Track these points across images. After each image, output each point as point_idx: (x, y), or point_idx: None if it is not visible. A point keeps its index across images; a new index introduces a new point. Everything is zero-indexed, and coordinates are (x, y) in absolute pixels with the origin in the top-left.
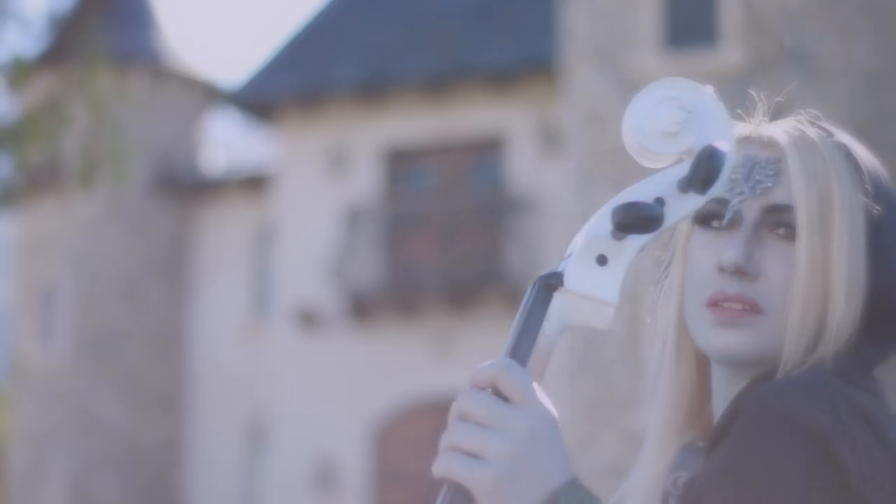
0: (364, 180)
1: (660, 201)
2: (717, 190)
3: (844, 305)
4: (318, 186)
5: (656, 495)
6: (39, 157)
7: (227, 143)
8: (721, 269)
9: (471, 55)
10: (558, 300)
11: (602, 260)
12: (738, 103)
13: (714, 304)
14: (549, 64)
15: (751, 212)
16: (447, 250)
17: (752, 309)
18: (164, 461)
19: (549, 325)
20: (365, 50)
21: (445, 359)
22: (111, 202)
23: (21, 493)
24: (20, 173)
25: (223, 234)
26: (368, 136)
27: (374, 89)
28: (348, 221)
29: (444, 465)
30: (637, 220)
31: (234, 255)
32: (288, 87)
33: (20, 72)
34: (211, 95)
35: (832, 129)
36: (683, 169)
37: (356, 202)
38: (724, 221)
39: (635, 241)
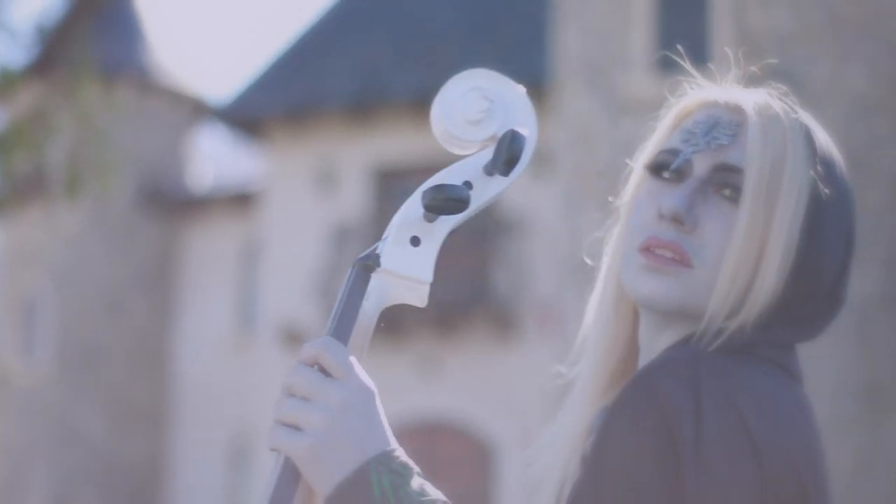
0: (352, 198)
1: (468, 184)
2: (520, 172)
3: (775, 275)
4: (305, 203)
5: (572, 457)
6: (25, 166)
7: (214, 158)
8: (660, 216)
9: (460, 72)
10: (376, 280)
11: (415, 241)
12: None
13: (647, 248)
14: (541, 83)
15: (701, 167)
16: (435, 271)
17: (682, 260)
18: (147, 477)
19: (369, 303)
20: (354, 67)
21: (432, 380)
22: (96, 215)
23: None
24: (5, 182)
25: (209, 249)
26: (357, 154)
27: (363, 106)
28: (335, 239)
29: (271, 437)
30: (444, 201)
31: (219, 271)
32: (276, 104)
33: (7, 82)
34: (199, 110)
35: (798, 108)
36: (489, 154)
37: (344, 220)
38: (673, 166)
39: (445, 223)
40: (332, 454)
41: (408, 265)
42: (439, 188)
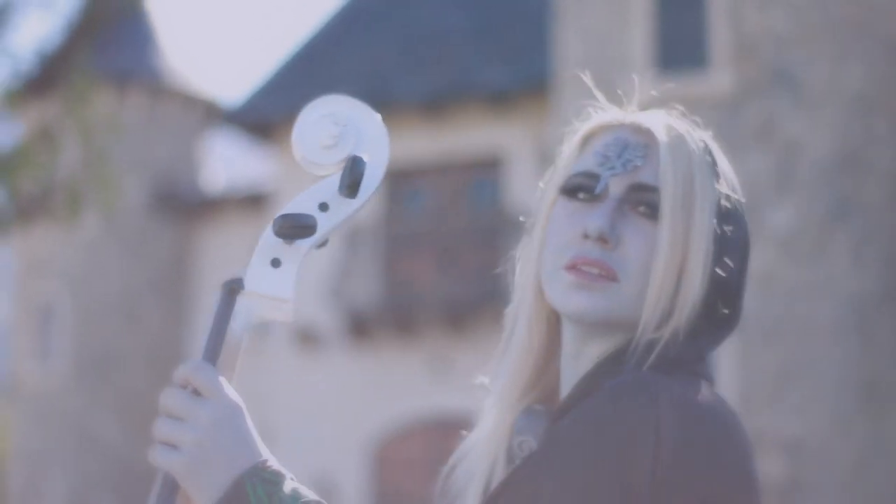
0: None
1: (324, 205)
2: (371, 193)
3: (698, 283)
4: None
5: (499, 455)
6: (32, 186)
7: (226, 161)
8: (585, 236)
9: (469, 75)
10: (241, 301)
11: (276, 262)
12: (728, 127)
13: (573, 266)
14: (548, 84)
15: (617, 187)
16: (445, 270)
17: (608, 275)
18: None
19: (236, 324)
20: (363, 70)
21: (444, 379)
22: (110, 221)
23: None
24: (11, 202)
25: (223, 252)
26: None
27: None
28: (347, 241)
29: (152, 455)
30: (291, 228)
31: (231, 271)
32: (286, 106)
33: (10, 103)
34: (210, 114)
35: (695, 124)
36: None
37: (355, 222)
38: (597, 190)
39: (303, 244)
40: (206, 470)
41: (269, 285)
42: (285, 217)
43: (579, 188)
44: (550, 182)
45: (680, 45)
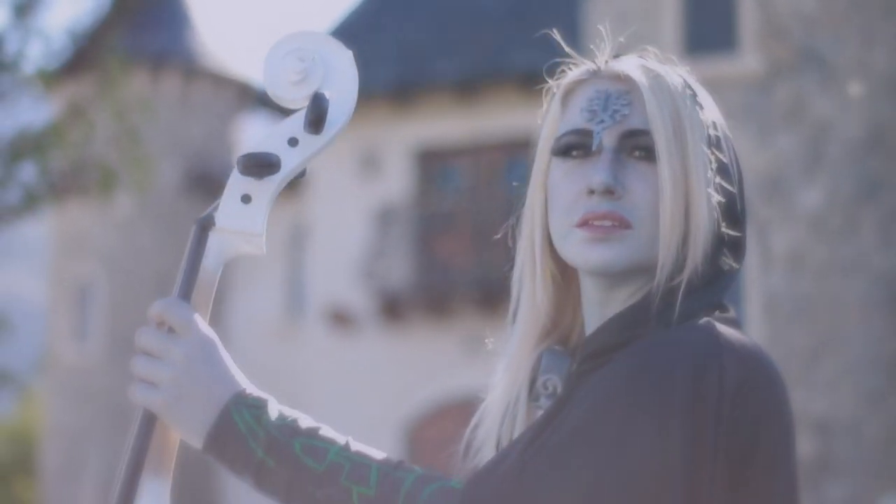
0: (396, 181)
1: (293, 140)
2: (338, 129)
3: (706, 211)
4: (350, 187)
5: (521, 394)
6: (64, 164)
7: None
8: (591, 192)
9: (503, 57)
10: (213, 238)
11: (246, 198)
12: (757, 107)
13: (585, 223)
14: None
15: (610, 139)
16: (479, 250)
17: (622, 224)
18: (199, 461)
19: (209, 260)
20: (397, 51)
21: (477, 359)
22: (145, 201)
23: (55, 489)
24: (43, 180)
25: None
26: (400, 137)
27: (406, 90)
28: (380, 222)
29: (131, 393)
30: (254, 167)
31: (267, 255)
32: None
33: (44, 83)
34: (244, 95)
35: (668, 58)
36: None
37: (388, 202)
38: (594, 148)
39: (273, 178)
40: (186, 405)
41: (240, 221)
42: (247, 156)
43: (572, 147)
44: (540, 146)
45: (709, 26)
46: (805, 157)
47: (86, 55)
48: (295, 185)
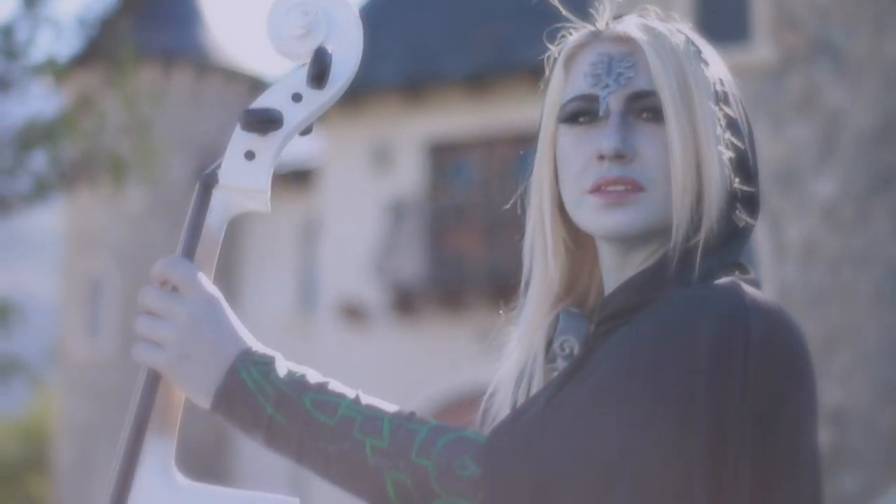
0: (408, 174)
1: (297, 96)
2: (340, 85)
3: (717, 168)
4: (361, 181)
5: (537, 355)
6: (74, 153)
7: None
8: (601, 158)
9: (514, 50)
10: (217, 195)
11: (250, 155)
12: (770, 97)
13: (597, 189)
14: None
15: (616, 102)
16: (491, 244)
17: (635, 187)
18: (212, 457)
19: (213, 218)
20: (408, 45)
21: (490, 353)
22: (156, 195)
23: (68, 486)
24: (54, 168)
25: (268, 228)
26: (412, 131)
27: (416, 84)
28: (392, 215)
29: (135, 352)
30: (256, 123)
31: (279, 249)
32: None
33: (55, 72)
34: (255, 89)
35: (669, 16)
36: None
37: (400, 196)
38: (601, 113)
39: (277, 135)
40: (192, 365)
41: (244, 178)
42: (249, 112)
43: (578, 113)
44: (545, 114)
45: (722, 16)
46: (818, 148)
47: (96, 46)
48: (306, 179)
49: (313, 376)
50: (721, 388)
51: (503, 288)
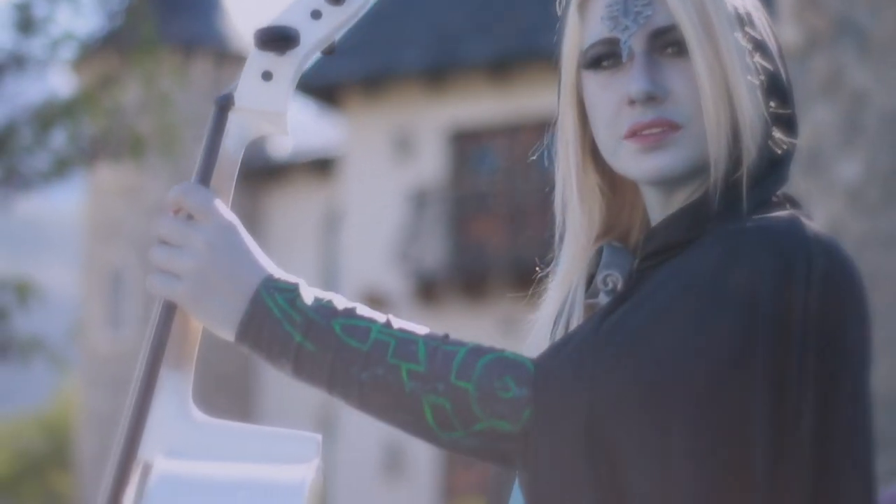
0: (430, 162)
1: (317, 13)
2: (361, 2)
3: (750, 100)
4: (384, 169)
5: (578, 289)
6: (94, 130)
7: (293, 126)
8: (632, 102)
9: (537, 36)
10: (234, 118)
11: (267, 76)
12: (794, 79)
13: (633, 134)
14: None
15: (638, 43)
16: (514, 231)
17: (671, 127)
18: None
19: (230, 142)
20: (431, 32)
21: (513, 342)
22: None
23: (91, 479)
24: (73, 145)
25: (291, 217)
26: (434, 118)
27: (439, 71)
28: (415, 203)
29: (150, 284)
30: (270, 42)
31: (301, 238)
32: (353, 71)
33: (74, 49)
34: None
35: None
36: None
37: (422, 184)
38: (624, 58)
39: (296, 54)
40: (212, 295)
41: (261, 99)
42: (262, 30)
43: (601, 58)
44: (563, 61)
45: None
46: (842, 130)
47: (117, 34)
48: (328, 167)
49: (341, 301)
50: (783, 319)
51: (526, 276)
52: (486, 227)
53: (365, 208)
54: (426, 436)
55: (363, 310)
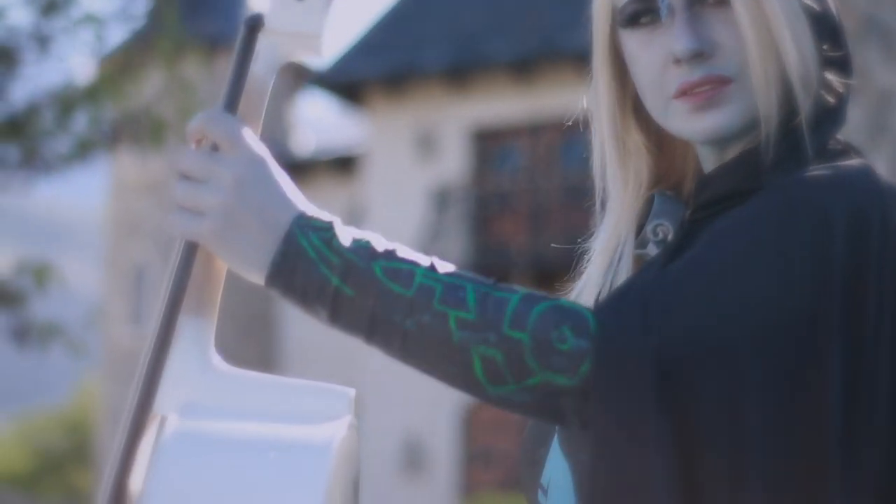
0: (452, 161)
1: None
2: None
3: (796, 47)
4: (406, 167)
5: (626, 248)
6: (116, 113)
7: (316, 123)
8: (677, 61)
9: (560, 35)
10: (264, 41)
11: None
12: None
13: (683, 94)
14: None
15: None
16: (536, 231)
17: (722, 82)
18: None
19: (259, 66)
20: (453, 31)
21: None
22: None
23: None
24: (95, 128)
25: None
26: (456, 117)
27: (461, 70)
28: (437, 202)
29: (172, 223)
30: None
31: None
32: (376, 69)
33: (93, 29)
34: (300, 77)
35: None
36: None
37: (444, 183)
38: (663, 17)
39: None
40: (240, 234)
41: (294, 20)
42: None
43: (639, 14)
44: (596, 19)
45: None
46: (868, 128)
47: (142, 37)
48: (351, 165)
49: (380, 242)
50: (857, 272)
51: (547, 275)
52: (507, 226)
53: (387, 207)
54: (473, 390)
55: (405, 251)
